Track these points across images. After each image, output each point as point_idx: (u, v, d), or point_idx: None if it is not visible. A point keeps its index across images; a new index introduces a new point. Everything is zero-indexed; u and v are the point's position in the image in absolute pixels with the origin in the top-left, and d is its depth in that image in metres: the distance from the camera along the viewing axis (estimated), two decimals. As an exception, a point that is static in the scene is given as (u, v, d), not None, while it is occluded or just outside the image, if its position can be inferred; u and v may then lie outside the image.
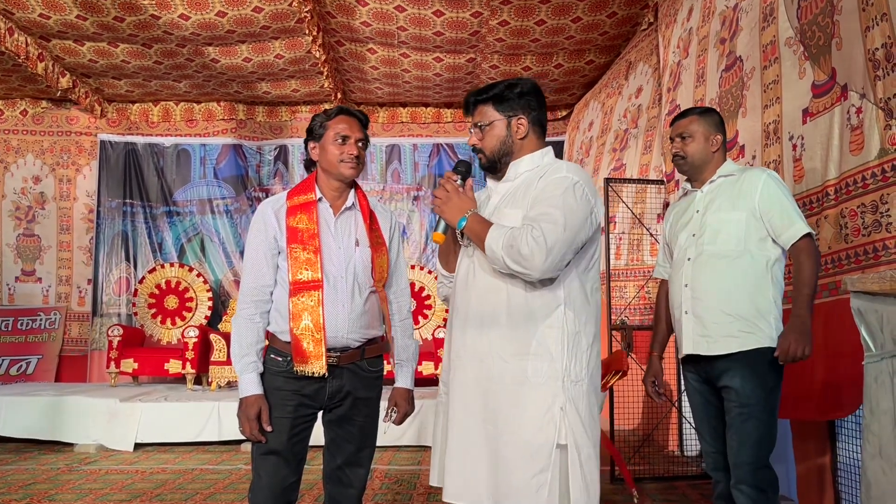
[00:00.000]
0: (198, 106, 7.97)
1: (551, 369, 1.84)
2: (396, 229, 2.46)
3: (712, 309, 2.44)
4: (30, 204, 7.83)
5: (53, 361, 7.53)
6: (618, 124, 5.85)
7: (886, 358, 1.68)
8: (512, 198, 1.97)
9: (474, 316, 1.93)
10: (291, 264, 2.20)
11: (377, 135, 8.11)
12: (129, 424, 5.47)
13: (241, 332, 2.23)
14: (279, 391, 2.23)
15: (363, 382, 2.30)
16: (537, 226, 1.80)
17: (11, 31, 5.75)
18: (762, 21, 3.44)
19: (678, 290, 2.57)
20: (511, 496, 1.80)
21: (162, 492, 4.21)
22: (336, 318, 2.21)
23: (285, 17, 5.65)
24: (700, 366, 2.53)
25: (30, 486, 4.34)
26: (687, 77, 4.30)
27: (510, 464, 1.81)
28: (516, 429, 1.82)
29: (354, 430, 2.31)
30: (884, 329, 1.70)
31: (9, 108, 7.86)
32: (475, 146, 2.04)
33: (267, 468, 2.22)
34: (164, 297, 7.34)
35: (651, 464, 4.50)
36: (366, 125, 2.32)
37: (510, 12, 5.45)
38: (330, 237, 2.26)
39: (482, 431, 1.87)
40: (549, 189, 1.87)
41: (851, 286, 1.81)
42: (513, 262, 1.80)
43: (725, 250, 2.44)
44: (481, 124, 2.01)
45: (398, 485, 4.32)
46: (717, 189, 2.56)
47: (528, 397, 1.83)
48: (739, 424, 2.37)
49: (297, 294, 2.19)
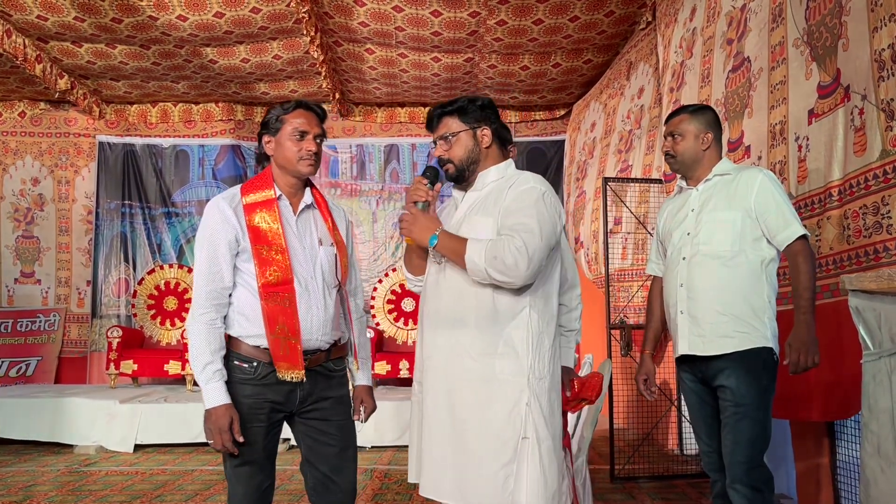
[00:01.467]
0: (196, 107, 7.96)
1: (518, 367, 1.95)
2: (349, 226, 2.43)
3: (708, 309, 2.45)
4: (28, 206, 7.82)
5: (53, 363, 7.53)
6: (621, 125, 5.84)
7: (885, 356, 1.68)
8: (482, 206, 2.06)
9: (444, 318, 2.03)
10: (258, 265, 2.11)
11: (375, 135, 8.11)
12: (128, 426, 5.47)
13: (203, 339, 2.07)
14: (248, 399, 2.12)
15: (331, 382, 2.26)
16: (517, 235, 1.90)
17: (9, 32, 5.74)
18: (771, 22, 3.43)
19: (673, 290, 2.58)
20: (480, 487, 1.90)
21: (162, 493, 4.21)
22: (311, 321, 2.15)
23: (283, 18, 5.65)
24: (696, 366, 2.53)
25: (30, 488, 4.34)
26: (691, 77, 4.29)
27: (480, 457, 1.92)
28: (485, 423, 1.93)
29: (334, 430, 2.24)
30: (882, 328, 1.70)
31: (7, 110, 7.85)
32: (442, 157, 2.12)
33: (242, 479, 2.16)
34: (163, 298, 7.33)
35: (650, 463, 4.51)
36: (323, 119, 2.24)
37: (508, 12, 5.44)
38: (293, 236, 2.18)
39: (453, 427, 1.97)
40: (521, 199, 1.98)
41: (849, 285, 1.81)
42: (497, 273, 1.90)
43: (720, 250, 2.44)
44: (447, 135, 2.10)
45: (398, 485, 4.32)
46: (713, 188, 2.56)
47: (496, 394, 1.94)
48: (734, 424, 2.38)
49: (269, 297, 2.10)
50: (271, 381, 2.13)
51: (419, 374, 2.13)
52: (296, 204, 2.23)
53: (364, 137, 8.06)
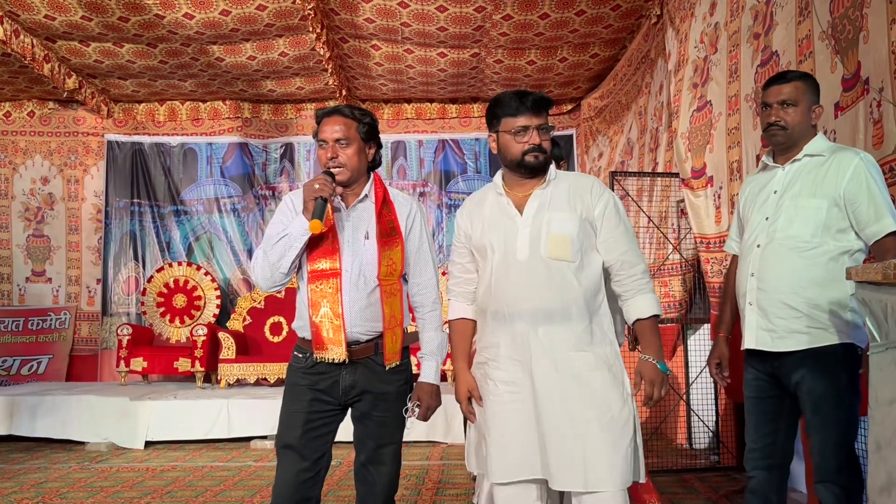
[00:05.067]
0: (203, 105, 7.98)
1: (614, 351, 2.13)
2: (418, 219, 2.38)
3: (778, 302, 2.27)
4: (39, 205, 7.87)
5: (64, 361, 7.58)
6: (651, 124, 5.80)
7: (891, 348, 1.67)
8: (562, 202, 2.19)
9: (546, 314, 2.07)
10: (308, 253, 2.22)
11: (382, 131, 8.00)
12: (139, 423, 5.52)
13: (263, 251, 2.23)
14: (296, 386, 2.26)
15: (379, 377, 2.27)
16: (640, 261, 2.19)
17: (17, 32, 5.77)
18: (798, 15, 3.40)
19: (744, 279, 2.39)
20: (618, 470, 1.99)
21: (172, 489, 4.24)
22: (348, 311, 2.22)
23: (289, 15, 5.65)
24: (766, 361, 2.35)
25: (42, 485, 4.38)
26: (718, 72, 4.23)
27: (613, 442, 2.01)
28: (607, 409, 2.03)
29: (373, 426, 2.29)
30: (889, 318, 1.68)
31: (16, 110, 7.90)
32: (544, 146, 2.14)
33: (283, 462, 2.25)
34: (172, 295, 7.37)
35: (660, 457, 4.50)
36: (345, 115, 2.28)
37: (513, 7, 5.43)
38: (339, 228, 2.26)
39: (581, 416, 2.02)
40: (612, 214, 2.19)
41: (855, 276, 1.80)
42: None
43: (798, 240, 2.24)
44: (549, 127, 2.17)
45: (408, 479, 4.33)
46: (801, 170, 2.32)
47: (608, 379, 2.07)
48: (815, 426, 2.23)
49: (315, 281, 2.21)
50: (317, 371, 2.24)
51: (506, 374, 2.10)
52: (349, 198, 2.30)
53: (371, 134, 8.04)
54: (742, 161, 3.88)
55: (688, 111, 4.66)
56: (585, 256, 2.11)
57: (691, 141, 4.57)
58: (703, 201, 4.35)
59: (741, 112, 3.91)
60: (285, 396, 2.30)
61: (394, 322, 2.27)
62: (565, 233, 2.09)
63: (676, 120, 4.79)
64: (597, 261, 2.13)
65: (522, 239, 2.11)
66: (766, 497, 2.39)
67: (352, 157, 2.25)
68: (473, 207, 2.27)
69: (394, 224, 2.30)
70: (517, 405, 2.07)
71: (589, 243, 2.13)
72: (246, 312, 7.18)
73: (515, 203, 2.17)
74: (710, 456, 4.64)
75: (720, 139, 4.16)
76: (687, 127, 4.64)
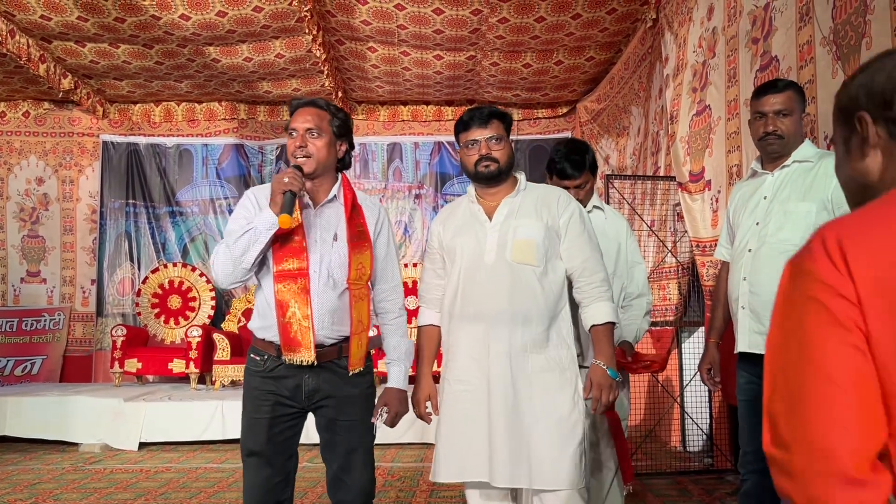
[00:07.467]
0: (199, 106, 7.98)
1: (570, 355, 2.18)
2: (386, 224, 2.36)
3: (770, 306, 2.26)
4: (33, 205, 7.85)
5: (58, 362, 7.56)
6: (652, 127, 5.81)
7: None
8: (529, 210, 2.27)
9: (506, 317, 2.13)
10: (275, 252, 2.14)
11: (378, 133, 8.11)
12: (133, 424, 5.50)
13: (226, 246, 2.13)
14: (256, 391, 2.20)
15: (343, 381, 2.21)
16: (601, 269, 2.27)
17: (13, 32, 5.76)
18: (798, 21, 3.41)
19: (736, 283, 2.42)
20: (563, 470, 2.05)
21: (166, 490, 4.23)
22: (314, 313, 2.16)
23: (285, 17, 5.66)
24: (757, 364, 2.31)
25: (35, 486, 4.36)
26: (717, 77, 4.24)
27: (558, 442, 2.08)
28: (556, 410, 2.10)
29: (342, 431, 2.21)
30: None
31: (11, 110, 7.88)
32: (491, 155, 2.22)
33: (250, 469, 2.21)
34: (167, 296, 7.36)
35: (654, 459, 4.51)
36: (320, 106, 2.23)
37: (510, 9, 5.44)
38: (308, 228, 2.19)
39: (529, 416, 2.09)
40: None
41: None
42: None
43: (789, 244, 2.25)
44: (498, 137, 2.23)
45: (401, 482, 4.33)
46: (790, 175, 2.35)
47: (560, 382, 2.13)
48: None
49: (282, 281, 2.13)
50: (278, 375, 2.17)
51: (462, 372, 2.18)
52: (317, 198, 2.24)
53: (367, 136, 8.06)
54: (742, 165, 3.89)
55: (687, 115, 4.67)
56: (549, 263, 2.20)
57: (691, 145, 4.58)
58: (700, 205, 4.36)
59: (741, 116, 3.92)
60: (246, 402, 2.23)
61: (360, 327, 2.23)
62: (531, 237, 2.18)
63: (675, 124, 4.81)
64: (560, 268, 2.22)
65: (490, 243, 2.20)
66: (760, 500, 2.39)
67: (321, 149, 2.19)
68: (447, 215, 2.38)
69: (363, 228, 2.26)
70: (469, 405, 2.15)
71: (554, 251, 2.21)
72: (241, 314, 7.18)
73: (486, 210, 2.27)
74: (703, 458, 4.65)
75: (719, 143, 4.17)
76: (686, 131, 4.65)
